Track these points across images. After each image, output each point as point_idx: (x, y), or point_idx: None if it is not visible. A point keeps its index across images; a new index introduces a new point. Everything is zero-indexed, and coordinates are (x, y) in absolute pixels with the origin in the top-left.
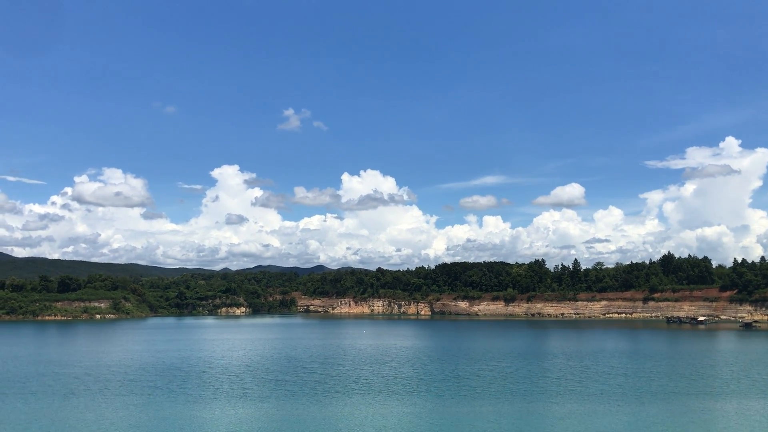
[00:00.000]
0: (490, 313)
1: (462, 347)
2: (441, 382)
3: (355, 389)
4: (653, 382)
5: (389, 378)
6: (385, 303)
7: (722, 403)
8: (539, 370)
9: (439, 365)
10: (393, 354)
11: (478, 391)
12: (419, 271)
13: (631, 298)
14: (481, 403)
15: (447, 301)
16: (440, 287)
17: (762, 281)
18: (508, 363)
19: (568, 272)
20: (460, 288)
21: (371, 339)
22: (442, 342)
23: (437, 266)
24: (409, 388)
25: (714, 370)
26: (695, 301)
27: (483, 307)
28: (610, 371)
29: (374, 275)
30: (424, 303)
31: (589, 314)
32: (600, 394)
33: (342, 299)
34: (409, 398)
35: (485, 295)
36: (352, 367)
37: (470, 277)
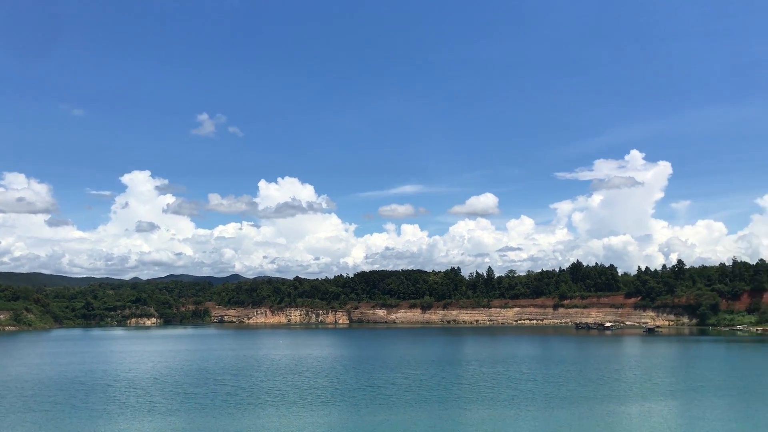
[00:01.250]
0: (408, 321)
1: (378, 355)
2: (356, 391)
3: (268, 401)
4: (562, 387)
5: (304, 388)
6: (303, 312)
7: (626, 406)
8: (453, 376)
9: (355, 374)
10: (308, 364)
11: (393, 400)
12: (338, 279)
13: (542, 304)
14: (395, 411)
15: (365, 310)
16: (359, 295)
17: (663, 288)
18: (423, 370)
19: (483, 280)
20: (379, 296)
21: (287, 349)
22: (358, 351)
23: (356, 274)
24: (323, 398)
25: (619, 375)
26: (602, 308)
27: (401, 315)
28: (520, 377)
29: (292, 284)
30: (342, 312)
31: (503, 320)
32: (511, 400)
33: (258, 309)
34: (323, 408)
35: (403, 303)
36: (265, 378)
37: (388, 285)
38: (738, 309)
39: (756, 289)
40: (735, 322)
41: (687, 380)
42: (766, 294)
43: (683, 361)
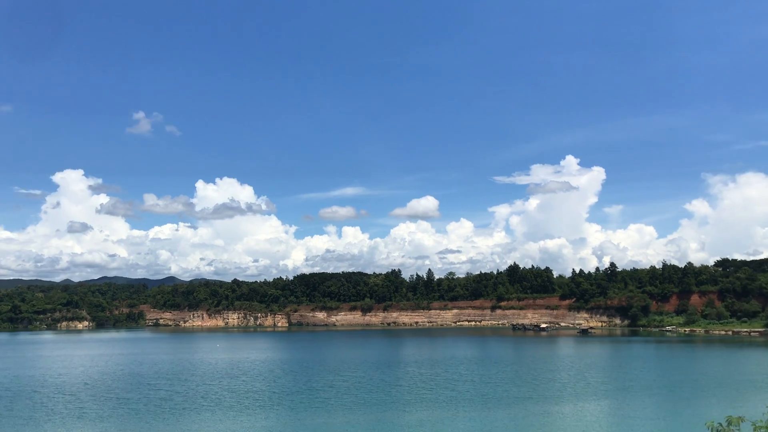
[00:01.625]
0: (348, 323)
1: (317, 358)
2: (294, 395)
3: (204, 405)
4: (498, 388)
5: (241, 392)
6: (241, 315)
7: (560, 406)
8: (392, 378)
9: (293, 377)
10: (246, 368)
11: (332, 403)
12: (277, 282)
13: (480, 306)
14: (334, 414)
15: (305, 312)
16: (298, 298)
17: (597, 290)
18: (362, 373)
19: (423, 282)
20: (319, 299)
21: (224, 353)
22: (297, 354)
23: (295, 277)
24: (261, 402)
25: (554, 375)
26: (538, 309)
27: (341, 318)
28: (458, 378)
29: (229, 287)
30: (281, 315)
31: (442, 322)
32: (449, 401)
33: (195, 312)
34: (261, 412)
35: (343, 306)
36: (201, 382)
37: (328, 288)
38: (667, 310)
39: (684, 292)
40: (664, 323)
41: (618, 380)
42: (694, 296)
43: (615, 361)
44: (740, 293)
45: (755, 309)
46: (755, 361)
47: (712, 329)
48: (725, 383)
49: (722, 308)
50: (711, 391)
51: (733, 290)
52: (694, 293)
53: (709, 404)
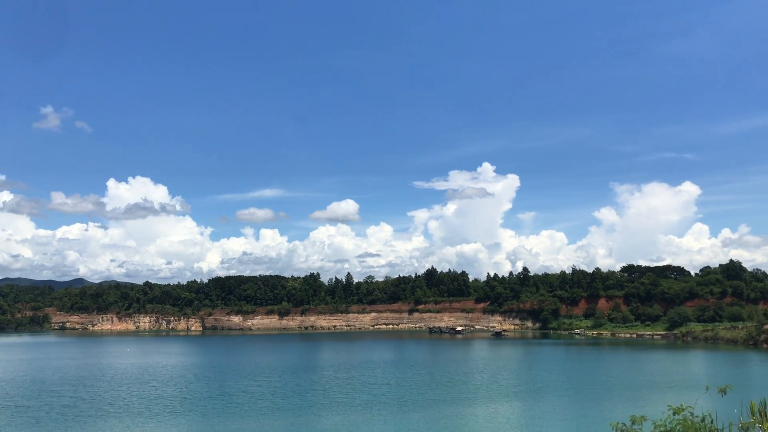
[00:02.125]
0: (265, 327)
1: (231, 363)
2: (207, 401)
3: (110, 412)
4: (413, 390)
5: (150, 398)
6: (153, 319)
7: (473, 408)
8: (308, 383)
9: (206, 383)
10: (156, 372)
11: (245, 408)
12: (191, 285)
13: (398, 309)
14: (248, 420)
15: (220, 316)
16: (213, 302)
17: (510, 294)
18: (278, 377)
19: (341, 285)
20: (234, 302)
21: (134, 357)
22: (210, 358)
23: (210, 280)
24: (171, 408)
25: (467, 377)
26: (454, 312)
27: (257, 322)
28: (374, 381)
29: (141, 289)
30: (195, 318)
31: (360, 326)
32: (365, 404)
33: (104, 315)
34: (171, 419)
35: (260, 309)
36: (109, 388)
37: (245, 291)
38: (576, 314)
39: (592, 296)
40: (573, 326)
41: (529, 382)
42: (601, 300)
43: (526, 363)
44: (644, 298)
45: (658, 313)
46: (657, 363)
47: (617, 332)
48: (629, 384)
49: (627, 312)
50: (616, 392)
51: (638, 295)
52: (602, 297)
53: (614, 405)
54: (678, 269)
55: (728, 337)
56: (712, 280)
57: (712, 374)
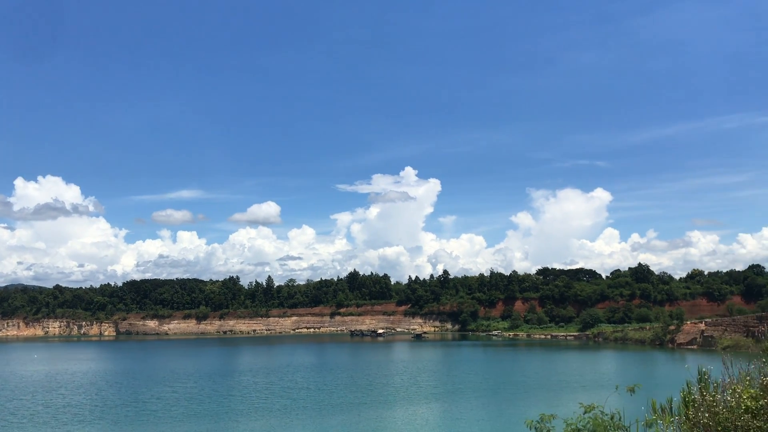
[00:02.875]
0: (182, 332)
1: (145, 369)
2: (118, 408)
3: (13, 422)
4: (333, 394)
5: (58, 407)
6: (63, 324)
7: (393, 410)
8: (225, 388)
9: (118, 389)
10: (65, 380)
11: (159, 415)
12: (104, 288)
13: (319, 313)
14: (162, 427)
15: (134, 321)
16: (128, 306)
17: (430, 296)
18: (194, 383)
19: (262, 289)
20: (150, 306)
21: (41, 364)
22: (123, 364)
23: (125, 283)
24: (80, 416)
25: (387, 380)
26: (376, 315)
27: (174, 326)
28: (293, 386)
29: (51, 293)
30: (108, 323)
31: (281, 330)
32: (283, 409)
33: (9, 320)
34: (80, 428)
35: (176, 314)
36: (12, 397)
37: (161, 295)
38: (494, 315)
39: (509, 298)
40: (491, 327)
41: (448, 383)
42: (518, 302)
43: (445, 365)
44: (558, 300)
45: (571, 314)
46: (570, 363)
47: (533, 333)
48: (544, 384)
49: (542, 314)
50: (531, 391)
51: (552, 297)
52: (518, 299)
53: (529, 404)
54: (590, 272)
55: (636, 338)
56: (622, 283)
57: (621, 374)
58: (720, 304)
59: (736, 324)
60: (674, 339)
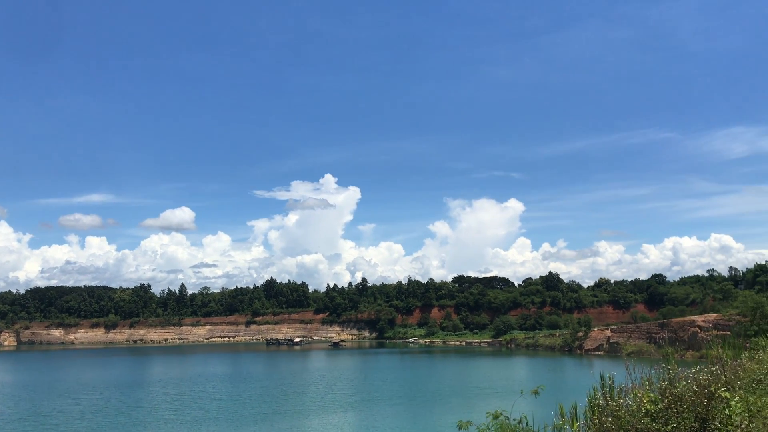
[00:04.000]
0: (89, 341)
1: (47, 381)
2: (15, 423)
3: None
4: (246, 405)
5: None
6: None
7: (307, 419)
8: (133, 400)
9: (15, 403)
10: None
11: (61, 429)
12: (5, 296)
13: (234, 321)
14: None
15: (38, 330)
16: (31, 314)
17: (348, 304)
18: (100, 394)
19: (175, 297)
20: (55, 315)
21: None
22: (23, 376)
23: (28, 291)
24: None
25: (303, 389)
26: (293, 324)
27: (81, 335)
28: (205, 396)
29: None
30: (9, 332)
31: (194, 339)
32: (194, 421)
33: None
34: None
35: (84, 322)
36: None
37: (67, 303)
38: (411, 323)
39: (426, 305)
40: (408, 335)
41: (364, 391)
42: (434, 309)
43: (362, 372)
44: (473, 307)
45: (485, 321)
46: (483, 370)
47: (449, 340)
48: (458, 391)
49: (458, 321)
50: (446, 398)
51: (467, 304)
52: (435, 307)
53: (444, 411)
54: (503, 280)
55: (547, 344)
56: (534, 291)
57: (531, 379)
58: (625, 311)
59: (639, 331)
60: (582, 345)
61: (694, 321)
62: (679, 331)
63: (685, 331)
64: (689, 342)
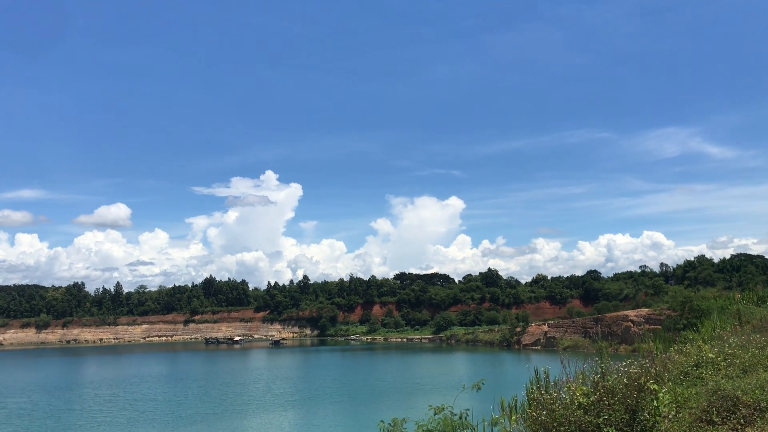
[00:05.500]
0: (19, 342)
1: None
2: None
3: None
4: (183, 405)
5: None
6: None
7: (246, 419)
8: (63, 403)
9: None
10: None
11: None
12: None
13: (172, 320)
14: None
15: None
16: None
17: (290, 302)
18: (27, 397)
19: (110, 295)
20: None
21: None
22: None
23: None
24: None
25: (242, 389)
26: (233, 322)
27: (10, 336)
28: (140, 397)
29: None
30: None
31: (130, 338)
32: (127, 423)
33: None
34: None
35: (14, 322)
36: None
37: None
38: (352, 320)
39: (367, 302)
40: (350, 332)
41: (304, 390)
42: (376, 306)
43: (302, 371)
44: (414, 303)
45: (426, 318)
46: (424, 366)
47: (390, 337)
48: (399, 388)
49: (399, 317)
50: (387, 395)
51: (409, 301)
52: (377, 304)
53: (385, 408)
54: (444, 277)
55: (486, 340)
56: (473, 287)
57: (471, 374)
58: (561, 306)
59: (575, 326)
60: (520, 340)
61: (627, 316)
62: (613, 325)
63: (618, 325)
64: (622, 336)
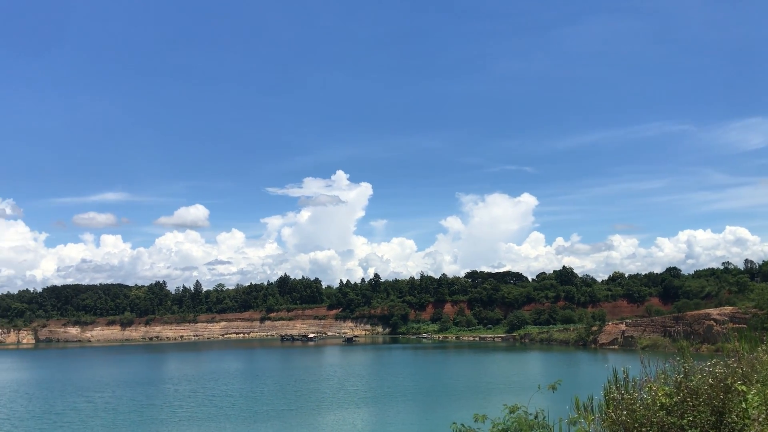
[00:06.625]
0: (105, 339)
1: (61, 378)
2: (31, 420)
3: None
4: (259, 401)
5: None
6: None
7: (321, 416)
8: (145, 397)
9: (29, 401)
10: None
11: (75, 427)
12: (23, 294)
13: (249, 318)
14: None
15: (55, 328)
16: (48, 312)
17: (362, 300)
18: (112, 392)
19: (190, 294)
20: (72, 313)
21: None
22: (39, 374)
23: (45, 289)
24: None
25: (316, 385)
26: (307, 320)
27: (97, 333)
28: (219, 393)
29: None
30: (27, 330)
31: (209, 335)
32: (207, 418)
33: None
34: None
35: (100, 320)
36: None
37: (83, 301)
38: (424, 318)
39: (439, 301)
40: (421, 330)
41: (377, 387)
42: (447, 305)
43: (375, 368)
44: (486, 302)
45: (498, 317)
46: (497, 365)
47: (462, 335)
48: (472, 386)
49: (471, 316)
50: (460, 394)
51: (481, 300)
52: (448, 302)
53: (458, 407)
54: (517, 275)
55: (561, 339)
56: (547, 285)
57: (546, 374)
58: (639, 305)
59: (654, 324)
60: (597, 339)
61: (709, 314)
62: (694, 324)
63: (700, 324)
64: (704, 335)
